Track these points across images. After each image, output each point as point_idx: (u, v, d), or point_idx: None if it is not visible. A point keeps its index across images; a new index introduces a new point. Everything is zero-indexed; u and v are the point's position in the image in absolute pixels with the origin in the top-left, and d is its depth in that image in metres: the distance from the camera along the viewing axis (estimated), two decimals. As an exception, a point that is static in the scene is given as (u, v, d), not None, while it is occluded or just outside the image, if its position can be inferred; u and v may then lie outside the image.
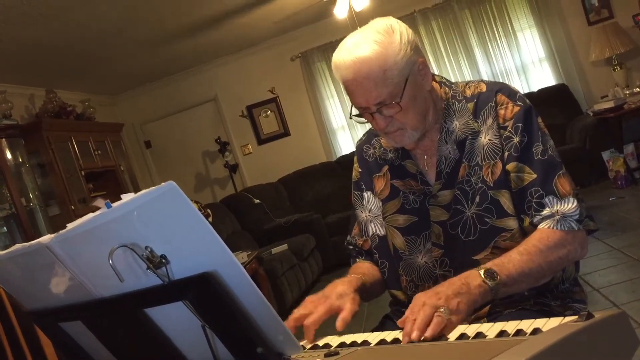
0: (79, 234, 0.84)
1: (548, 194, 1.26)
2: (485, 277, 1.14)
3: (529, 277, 1.20)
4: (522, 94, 1.36)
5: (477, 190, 1.32)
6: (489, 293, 1.14)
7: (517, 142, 1.29)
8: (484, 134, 1.33)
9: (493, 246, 1.30)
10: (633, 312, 2.72)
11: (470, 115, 1.35)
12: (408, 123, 1.31)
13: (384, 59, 1.24)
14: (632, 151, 5.67)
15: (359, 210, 1.53)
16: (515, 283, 1.18)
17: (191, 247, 0.82)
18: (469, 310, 1.10)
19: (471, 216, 1.32)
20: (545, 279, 1.25)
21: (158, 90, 7.26)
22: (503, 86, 1.36)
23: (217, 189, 7.40)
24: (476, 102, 1.36)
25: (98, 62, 5.66)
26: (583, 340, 0.79)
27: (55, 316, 1.00)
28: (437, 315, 1.04)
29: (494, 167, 1.31)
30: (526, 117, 1.31)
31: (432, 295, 1.09)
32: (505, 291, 1.17)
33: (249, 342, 0.82)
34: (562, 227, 1.23)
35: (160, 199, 0.79)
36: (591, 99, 6.43)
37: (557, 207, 1.25)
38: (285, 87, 7.13)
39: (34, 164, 4.96)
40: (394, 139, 1.35)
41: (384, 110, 1.28)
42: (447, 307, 1.06)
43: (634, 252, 3.55)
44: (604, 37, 6.16)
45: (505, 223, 1.30)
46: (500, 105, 1.33)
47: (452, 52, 6.76)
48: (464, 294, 1.10)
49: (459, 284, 1.12)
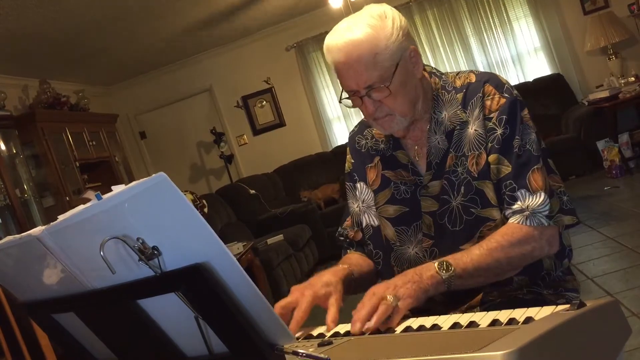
0: (70, 225, 0.84)
1: (520, 187, 1.27)
2: (439, 269, 1.18)
3: (487, 271, 1.22)
4: (512, 85, 1.36)
5: (462, 181, 1.32)
6: (442, 284, 1.18)
7: (499, 134, 1.30)
8: (471, 124, 1.33)
9: (479, 236, 1.30)
10: (627, 300, 2.74)
11: (459, 106, 1.35)
12: (397, 109, 1.31)
13: (375, 42, 1.24)
14: (627, 141, 5.68)
15: (351, 201, 1.53)
16: (471, 277, 1.20)
17: (183, 238, 0.82)
18: (418, 297, 1.13)
19: (457, 206, 1.32)
20: (508, 274, 1.27)
21: (153, 80, 7.23)
22: (491, 77, 1.36)
23: (212, 180, 7.40)
24: (465, 92, 1.36)
25: (92, 53, 5.63)
26: (575, 329, 0.79)
27: (48, 308, 0.99)
28: (382, 304, 1.09)
29: (478, 157, 1.31)
30: (511, 109, 1.30)
31: (382, 286, 1.15)
32: (461, 283, 1.20)
33: (242, 333, 0.82)
34: (531, 223, 1.24)
35: (151, 191, 0.78)
36: (586, 88, 6.43)
37: (527, 202, 1.25)
38: (280, 78, 7.11)
39: (28, 155, 4.94)
40: (383, 126, 1.35)
41: (373, 94, 1.29)
42: (395, 295, 1.11)
43: (628, 241, 3.57)
44: (599, 27, 6.15)
45: (490, 213, 1.30)
46: (487, 96, 1.33)
47: (447, 42, 6.75)
48: (414, 282, 1.15)
49: (412, 274, 1.17)
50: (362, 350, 0.94)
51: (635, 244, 3.47)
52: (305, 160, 6.87)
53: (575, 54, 6.53)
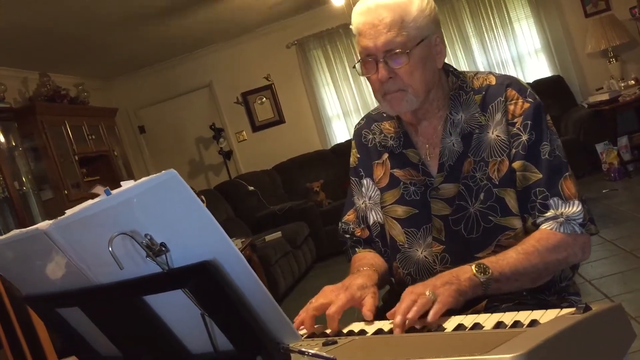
0: (78, 220, 0.84)
1: (553, 195, 1.24)
2: (477, 271, 1.15)
3: (524, 276, 1.19)
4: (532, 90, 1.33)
5: (482, 188, 1.29)
6: (479, 287, 1.14)
7: (525, 140, 1.27)
8: (492, 129, 1.30)
9: (496, 245, 1.28)
10: (625, 304, 2.74)
11: (477, 108, 1.32)
12: (411, 84, 1.27)
13: (406, 8, 1.24)
14: (626, 144, 5.69)
15: (357, 197, 1.49)
16: (508, 281, 1.18)
17: (191, 235, 0.82)
18: (456, 298, 1.10)
19: (474, 213, 1.29)
20: (542, 280, 1.25)
21: (153, 75, 7.21)
22: (513, 80, 1.33)
23: (211, 176, 7.39)
24: (484, 95, 1.32)
25: (92, 46, 5.61)
26: (581, 332, 0.79)
27: (52, 302, 0.99)
28: (421, 298, 1.05)
29: (500, 164, 1.28)
30: (535, 114, 1.28)
31: (420, 286, 1.11)
32: (498, 287, 1.17)
33: (248, 331, 0.82)
34: (565, 230, 1.22)
35: (161, 187, 0.78)
36: (586, 91, 6.44)
37: (561, 210, 1.23)
38: (280, 75, 7.10)
39: (27, 148, 4.93)
40: (391, 102, 1.30)
41: (390, 61, 1.25)
42: (433, 292, 1.07)
43: (626, 244, 3.58)
44: (600, 29, 6.16)
45: (510, 222, 1.28)
46: (509, 101, 1.29)
47: (448, 42, 6.74)
48: (452, 283, 1.11)
49: (449, 276, 1.14)
50: (367, 351, 0.94)
51: (634, 247, 3.48)
52: (305, 158, 6.86)
53: (575, 56, 6.53)
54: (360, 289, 1.21)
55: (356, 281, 1.24)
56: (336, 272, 4.47)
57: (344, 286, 1.23)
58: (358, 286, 1.22)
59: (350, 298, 1.17)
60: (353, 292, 1.19)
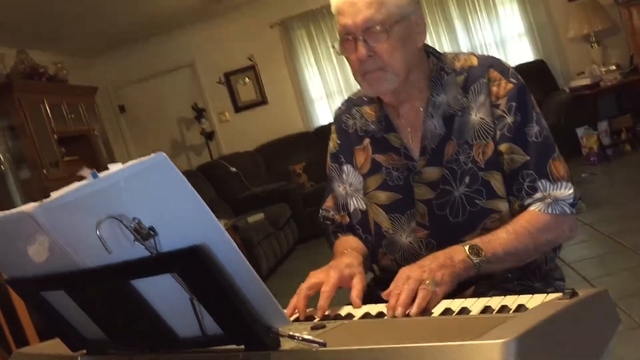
0: (64, 203, 0.82)
1: (541, 177, 1.24)
2: (470, 253, 1.15)
3: (514, 256, 1.20)
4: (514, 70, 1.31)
5: (467, 171, 1.27)
6: (472, 268, 1.14)
7: (510, 122, 1.25)
8: (475, 111, 1.28)
9: (482, 228, 1.27)
10: (602, 286, 2.79)
11: (459, 90, 1.30)
12: (391, 63, 1.24)
13: None
14: (606, 128, 5.76)
15: (336, 184, 1.46)
16: (500, 261, 1.18)
17: (180, 219, 0.81)
18: (452, 282, 1.10)
19: (460, 197, 1.28)
20: (530, 259, 1.26)
21: (134, 53, 7.10)
22: (495, 61, 1.31)
23: (192, 156, 7.33)
24: (466, 76, 1.30)
25: (71, 21, 5.50)
26: (569, 317, 0.80)
27: (37, 285, 0.98)
28: (422, 289, 1.04)
29: (485, 147, 1.27)
30: (520, 95, 1.27)
31: (416, 269, 1.10)
32: (489, 267, 1.17)
33: (238, 315, 0.82)
34: (553, 211, 1.22)
35: (150, 170, 0.77)
36: (568, 75, 6.48)
37: (549, 191, 1.23)
38: (263, 55, 7.03)
39: (4, 126, 4.84)
40: (371, 82, 1.28)
41: (369, 39, 1.23)
42: (432, 279, 1.06)
43: (605, 227, 3.63)
44: (582, 14, 6.18)
45: (495, 205, 1.27)
46: (492, 82, 1.28)
47: (432, 24, 6.72)
48: (448, 266, 1.11)
49: (443, 258, 1.13)
50: (356, 335, 0.94)
51: (612, 231, 3.53)
52: (287, 140, 6.84)
53: (558, 40, 6.55)
54: (348, 267, 1.21)
55: (343, 260, 1.25)
56: (318, 255, 4.48)
57: (331, 266, 1.23)
58: (345, 264, 1.22)
59: (339, 276, 1.18)
60: (341, 270, 1.20)
